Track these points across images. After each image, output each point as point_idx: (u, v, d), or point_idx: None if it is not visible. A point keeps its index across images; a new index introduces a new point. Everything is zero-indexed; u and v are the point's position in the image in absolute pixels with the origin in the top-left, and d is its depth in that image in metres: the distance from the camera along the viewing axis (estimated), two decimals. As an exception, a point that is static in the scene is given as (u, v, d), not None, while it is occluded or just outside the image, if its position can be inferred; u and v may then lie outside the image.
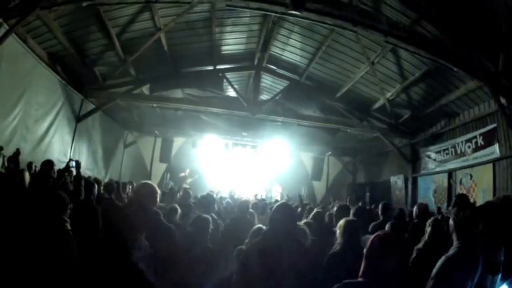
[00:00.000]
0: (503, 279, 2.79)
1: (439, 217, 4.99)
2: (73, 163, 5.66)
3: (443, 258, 2.84)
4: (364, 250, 2.42)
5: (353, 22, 8.68)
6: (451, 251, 2.88)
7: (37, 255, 3.19)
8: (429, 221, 4.28)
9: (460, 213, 3.00)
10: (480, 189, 10.23)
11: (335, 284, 2.37)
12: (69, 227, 3.57)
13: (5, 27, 7.44)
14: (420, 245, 4.15)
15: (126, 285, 3.08)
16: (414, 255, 4.08)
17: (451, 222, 3.05)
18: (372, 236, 2.46)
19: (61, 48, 9.79)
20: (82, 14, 8.88)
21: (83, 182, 5.20)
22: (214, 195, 9.41)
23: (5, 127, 8.22)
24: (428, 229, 4.07)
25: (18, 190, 4.70)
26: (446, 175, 12.09)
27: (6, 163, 6.92)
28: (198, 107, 14.13)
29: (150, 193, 3.91)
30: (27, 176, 5.11)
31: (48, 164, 5.90)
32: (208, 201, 6.92)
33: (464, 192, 10.56)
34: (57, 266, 3.21)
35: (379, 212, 6.63)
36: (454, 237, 2.98)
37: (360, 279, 2.34)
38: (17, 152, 7.17)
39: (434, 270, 2.79)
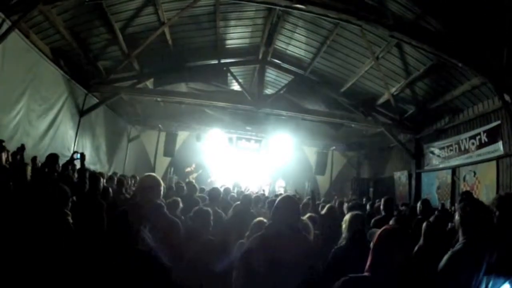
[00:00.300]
0: (503, 278, 2.77)
1: (440, 214, 4.97)
2: (78, 155, 5.65)
3: (449, 253, 2.83)
4: (371, 244, 2.41)
5: (357, 16, 8.67)
6: (457, 247, 2.87)
7: (38, 247, 3.19)
8: (431, 218, 4.22)
9: (466, 209, 2.99)
10: (484, 186, 10.20)
11: (341, 278, 2.36)
12: (70, 220, 3.57)
13: (8, 23, 7.45)
14: (420, 242, 4.12)
15: (133, 274, 3.08)
16: (414, 251, 4.06)
17: (457, 218, 3.04)
18: (380, 230, 2.44)
19: (64, 43, 9.79)
20: (85, 8, 8.87)
21: (87, 174, 5.20)
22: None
23: (8, 122, 8.24)
24: (425, 226, 4.00)
25: (19, 184, 4.71)
26: (449, 171, 12.06)
27: (10, 158, 6.92)
28: (202, 101, 14.11)
29: (153, 185, 3.88)
30: (29, 170, 5.12)
31: (52, 157, 5.91)
32: (214, 194, 6.95)
33: (468, 189, 10.53)
34: (58, 258, 3.22)
35: (381, 207, 6.54)
36: (460, 233, 2.97)
37: (366, 273, 2.33)
38: (22, 148, 7.17)
39: (440, 265, 2.79)
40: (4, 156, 6.59)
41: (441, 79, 10.73)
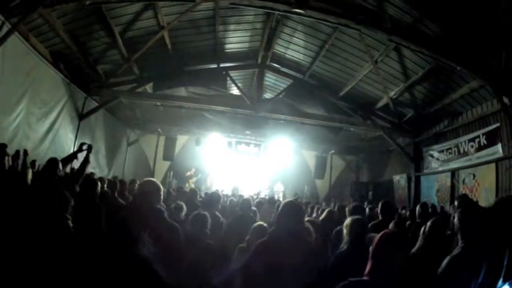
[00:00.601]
0: (505, 280, 2.77)
1: (438, 217, 4.94)
2: (86, 146, 5.68)
3: (448, 257, 2.83)
4: (370, 249, 2.41)
5: (356, 20, 8.69)
6: (456, 251, 2.87)
7: (38, 252, 3.19)
8: (428, 223, 4.17)
9: (465, 213, 2.99)
10: (483, 188, 10.21)
11: (340, 283, 2.36)
12: (70, 224, 3.57)
13: (8, 25, 7.43)
14: (415, 248, 4.09)
15: (132, 279, 3.07)
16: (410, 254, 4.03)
17: (456, 222, 3.04)
18: (379, 235, 2.44)
19: (64, 46, 9.77)
20: (85, 12, 8.86)
21: (88, 166, 5.23)
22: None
23: (8, 125, 8.23)
24: (422, 231, 3.97)
25: (20, 188, 4.71)
26: (449, 174, 12.08)
27: (10, 162, 6.91)
28: (202, 105, 14.13)
29: (153, 190, 3.89)
30: (29, 174, 5.12)
31: (53, 162, 5.90)
32: (213, 199, 6.94)
33: (467, 191, 10.54)
34: (58, 263, 3.21)
35: (378, 211, 6.48)
36: (459, 237, 2.97)
37: (366, 278, 2.33)
38: (25, 153, 7.15)
39: (439, 270, 2.79)
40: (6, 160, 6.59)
41: (440, 82, 10.76)
